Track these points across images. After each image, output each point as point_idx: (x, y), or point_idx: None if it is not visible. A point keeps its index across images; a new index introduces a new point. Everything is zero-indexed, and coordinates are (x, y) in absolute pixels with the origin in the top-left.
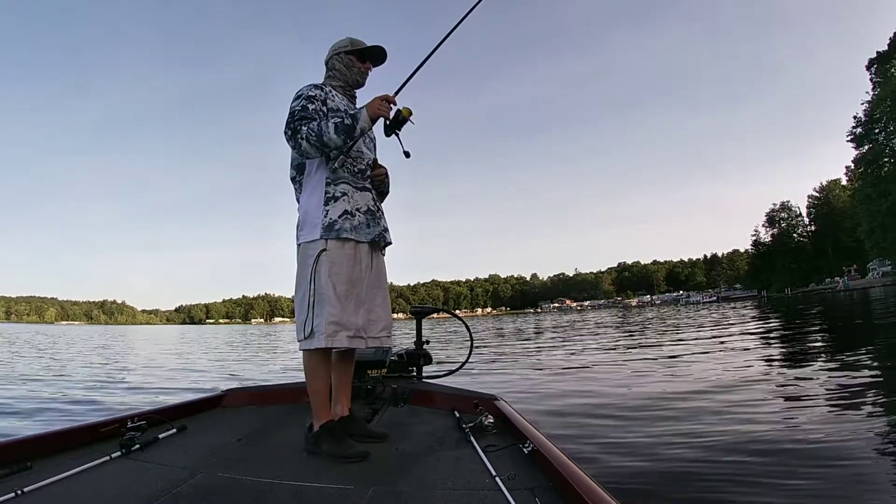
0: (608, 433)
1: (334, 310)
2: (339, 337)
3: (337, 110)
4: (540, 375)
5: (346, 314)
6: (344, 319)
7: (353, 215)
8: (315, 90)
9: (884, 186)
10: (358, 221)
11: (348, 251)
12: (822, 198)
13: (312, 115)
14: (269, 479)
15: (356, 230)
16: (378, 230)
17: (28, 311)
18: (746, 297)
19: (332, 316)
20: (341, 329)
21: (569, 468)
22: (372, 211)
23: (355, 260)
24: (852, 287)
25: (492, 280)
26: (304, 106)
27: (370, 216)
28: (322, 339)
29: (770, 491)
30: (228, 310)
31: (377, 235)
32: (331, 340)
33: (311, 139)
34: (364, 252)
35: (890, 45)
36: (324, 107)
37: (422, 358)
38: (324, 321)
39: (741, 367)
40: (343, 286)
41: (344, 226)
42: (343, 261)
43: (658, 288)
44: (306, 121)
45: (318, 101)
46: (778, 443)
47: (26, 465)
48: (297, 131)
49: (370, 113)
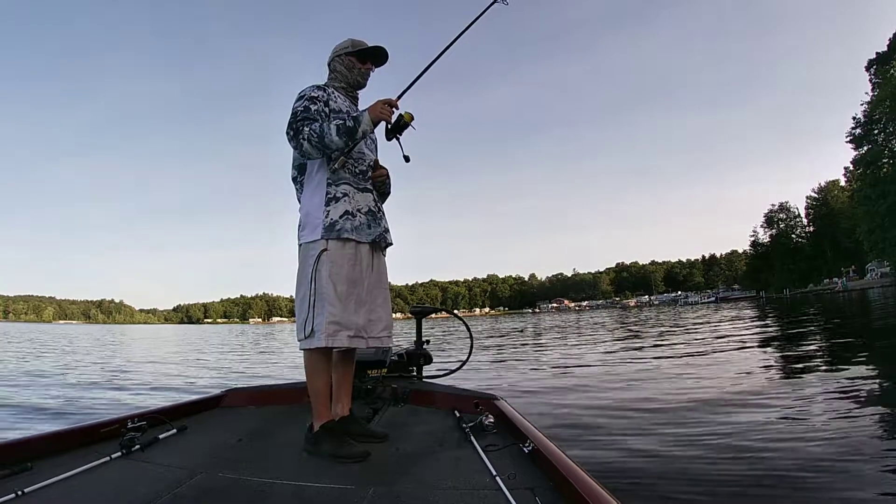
0: (608, 433)
1: (335, 309)
2: (340, 336)
3: (339, 111)
4: (540, 375)
5: (347, 314)
6: (344, 319)
7: (354, 216)
8: (318, 91)
9: (883, 187)
10: (359, 222)
11: (349, 251)
12: (820, 199)
13: (315, 115)
14: (269, 479)
15: (357, 231)
16: (379, 231)
17: (26, 310)
18: (745, 297)
19: (333, 315)
20: (342, 329)
21: (569, 468)
22: (373, 212)
23: (356, 260)
24: (851, 288)
25: (490, 280)
26: (307, 107)
27: (371, 217)
28: (322, 339)
29: (769, 491)
30: (226, 309)
31: (378, 236)
32: (331, 340)
33: (313, 140)
34: (365, 252)
35: (889, 46)
36: (326, 108)
37: (422, 358)
38: (324, 321)
39: (741, 368)
40: (343, 286)
41: (345, 226)
42: (344, 261)
43: (656, 288)
44: (308, 121)
45: (321, 101)
46: (778, 443)
47: (27, 466)
48: (299, 132)
49: (372, 116)
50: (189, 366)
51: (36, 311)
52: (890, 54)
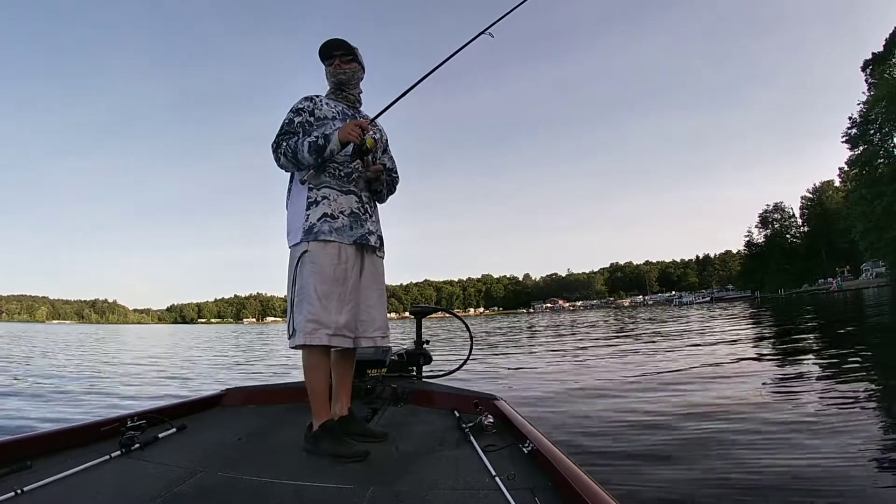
0: (607, 433)
1: (313, 308)
2: (318, 335)
3: (324, 118)
4: (539, 375)
5: (327, 313)
6: (323, 318)
7: (334, 218)
8: (305, 102)
9: (879, 188)
10: (340, 224)
11: (331, 251)
12: (815, 199)
13: (297, 128)
14: (268, 479)
15: (338, 232)
16: (361, 232)
17: (19, 309)
18: (740, 297)
19: (311, 314)
20: (320, 327)
21: (568, 468)
22: (356, 213)
23: (339, 260)
24: (846, 288)
25: (484, 280)
26: (291, 120)
27: (354, 219)
28: (302, 337)
29: (769, 491)
30: (220, 309)
31: (360, 237)
32: (309, 338)
33: (288, 155)
34: (351, 253)
35: (886, 47)
36: (311, 117)
37: (421, 358)
38: (303, 319)
39: (740, 368)
40: (323, 286)
41: (322, 228)
42: (325, 261)
43: (650, 288)
44: (288, 136)
45: (306, 112)
46: (777, 443)
47: (26, 465)
48: (278, 146)
49: (341, 137)
50: (187, 366)
51: (29, 311)
52: (886, 55)
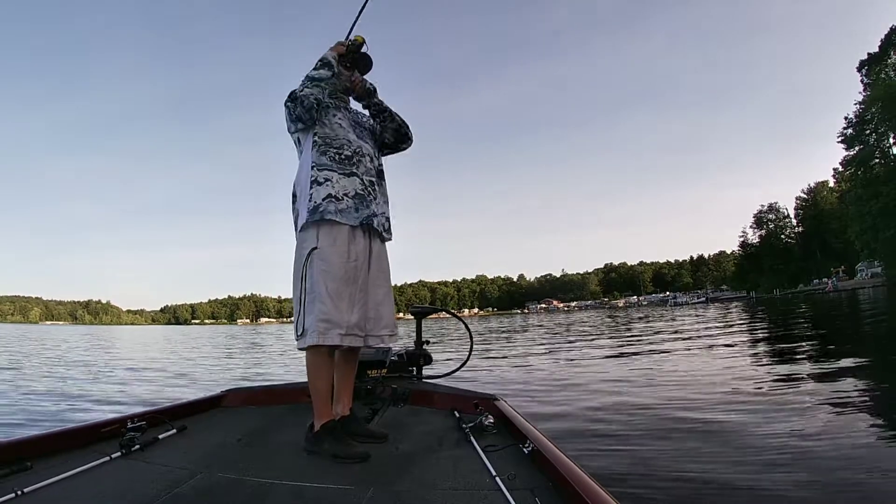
0: (607, 433)
1: (325, 307)
2: (331, 335)
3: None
4: (539, 375)
5: (339, 312)
6: (335, 317)
7: (339, 199)
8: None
9: (875, 188)
10: (345, 205)
11: (340, 246)
12: (809, 199)
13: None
14: (269, 479)
15: (343, 214)
16: (367, 213)
17: (12, 310)
18: (735, 298)
19: (323, 314)
20: (333, 327)
21: (569, 468)
22: (361, 195)
23: (348, 255)
24: (841, 288)
25: (479, 280)
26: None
27: (359, 200)
28: (314, 337)
29: (769, 492)
30: (214, 310)
31: (366, 218)
32: (322, 338)
33: (304, 82)
34: (359, 239)
35: (881, 48)
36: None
37: (422, 358)
38: (315, 319)
39: (740, 368)
40: (335, 284)
41: (328, 208)
42: (335, 258)
43: (645, 289)
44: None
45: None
46: (777, 443)
47: (26, 466)
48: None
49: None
50: (185, 366)
51: (22, 312)
52: (881, 55)
